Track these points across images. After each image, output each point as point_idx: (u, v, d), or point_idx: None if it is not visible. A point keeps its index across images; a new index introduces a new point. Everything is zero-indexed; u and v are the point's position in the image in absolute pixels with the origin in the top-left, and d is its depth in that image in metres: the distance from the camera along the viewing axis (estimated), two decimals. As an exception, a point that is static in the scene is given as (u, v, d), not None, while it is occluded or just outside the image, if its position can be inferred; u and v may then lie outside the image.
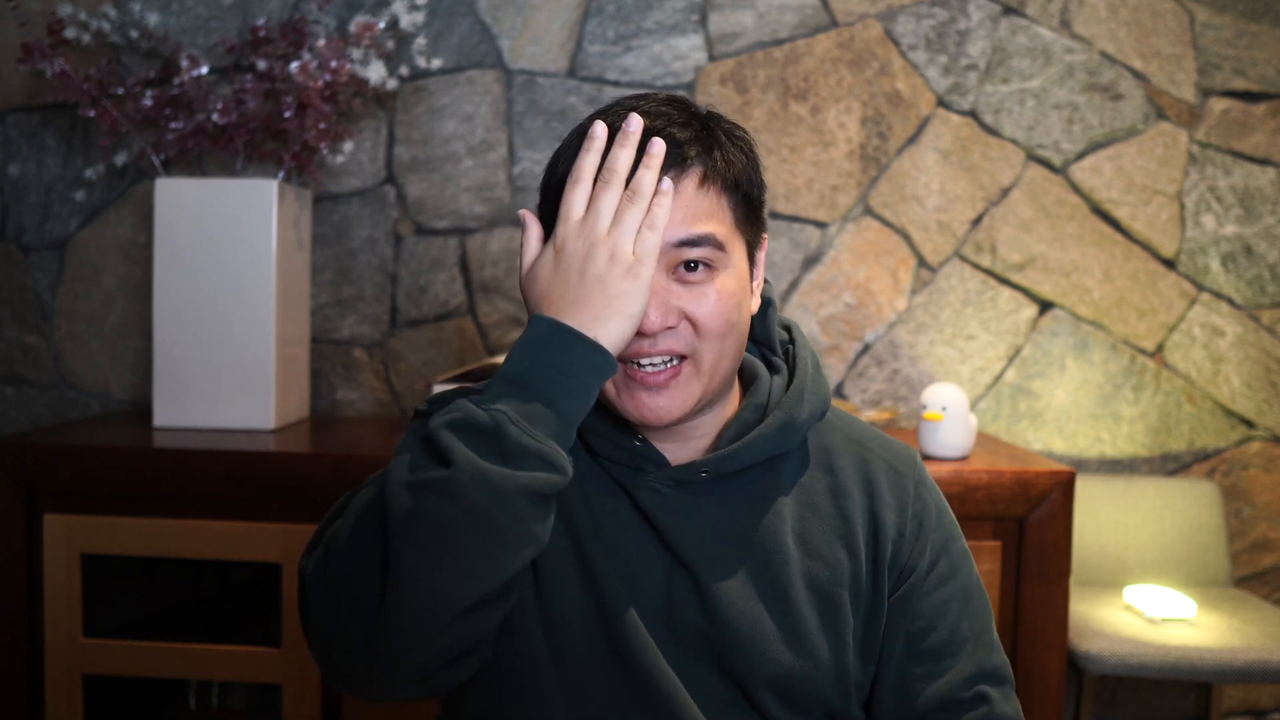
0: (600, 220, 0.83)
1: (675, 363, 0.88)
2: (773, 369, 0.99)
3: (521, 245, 0.88)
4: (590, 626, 0.89)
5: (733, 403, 0.97)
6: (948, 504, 1.02)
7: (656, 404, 0.88)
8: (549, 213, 0.89)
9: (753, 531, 0.92)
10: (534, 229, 0.88)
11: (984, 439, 2.02)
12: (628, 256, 0.82)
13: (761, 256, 0.96)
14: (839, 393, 2.19)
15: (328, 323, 2.21)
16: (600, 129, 0.86)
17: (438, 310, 2.19)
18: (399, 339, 2.21)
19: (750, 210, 0.92)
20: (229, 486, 1.66)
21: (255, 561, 1.68)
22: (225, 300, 1.87)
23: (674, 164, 0.86)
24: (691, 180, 0.87)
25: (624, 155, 0.84)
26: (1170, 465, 2.21)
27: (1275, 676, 1.79)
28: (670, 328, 0.87)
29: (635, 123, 0.85)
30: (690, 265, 0.87)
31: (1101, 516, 2.12)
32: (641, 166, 0.84)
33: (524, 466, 0.77)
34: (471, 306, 2.19)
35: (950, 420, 1.73)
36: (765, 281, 0.98)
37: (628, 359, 0.87)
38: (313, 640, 0.85)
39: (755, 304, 0.96)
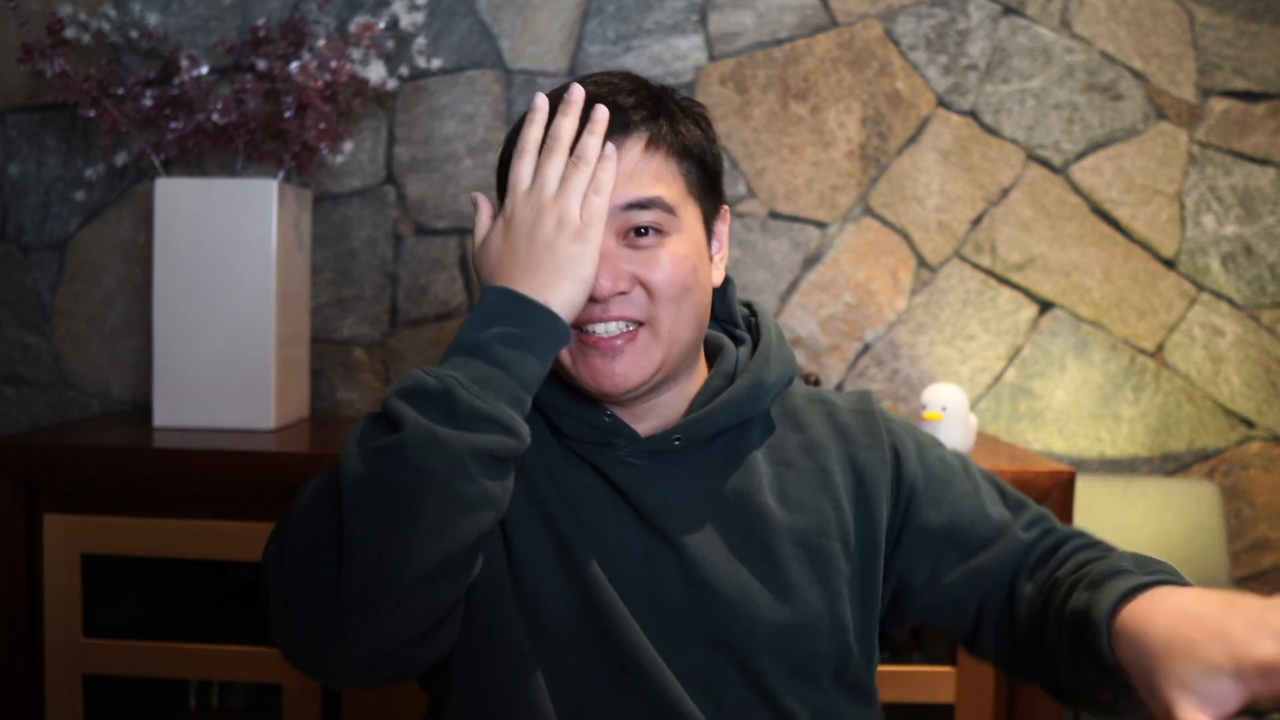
0: (546, 187, 0.84)
1: (631, 328, 0.88)
2: (737, 341, 1.00)
3: (474, 226, 0.89)
4: (570, 608, 0.88)
5: (699, 377, 0.97)
6: (913, 424, 1.04)
7: (613, 370, 0.87)
8: (502, 192, 0.90)
9: (730, 495, 0.92)
10: (485, 208, 0.89)
11: (984, 439, 2.02)
12: (575, 221, 0.82)
13: (723, 229, 0.96)
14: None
15: (328, 323, 2.21)
16: (542, 100, 0.87)
17: (438, 310, 2.19)
18: (399, 339, 2.21)
19: (706, 179, 0.93)
20: (229, 486, 1.66)
21: (255, 561, 1.68)
22: (225, 300, 1.87)
23: (618, 129, 0.87)
24: (636, 144, 0.88)
25: (567, 123, 0.85)
26: (1170, 465, 2.21)
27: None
28: (623, 293, 0.87)
29: (577, 92, 0.86)
30: (641, 230, 0.87)
31: (1101, 516, 2.12)
32: (585, 132, 0.85)
33: (476, 429, 0.77)
34: (471, 306, 2.19)
35: (950, 420, 1.73)
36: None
37: (581, 325, 0.87)
38: (274, 624, 0.82)
39: (719, 277, 0.96)
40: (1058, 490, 1.66)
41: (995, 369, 2.20)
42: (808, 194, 2.18)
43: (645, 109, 0.89)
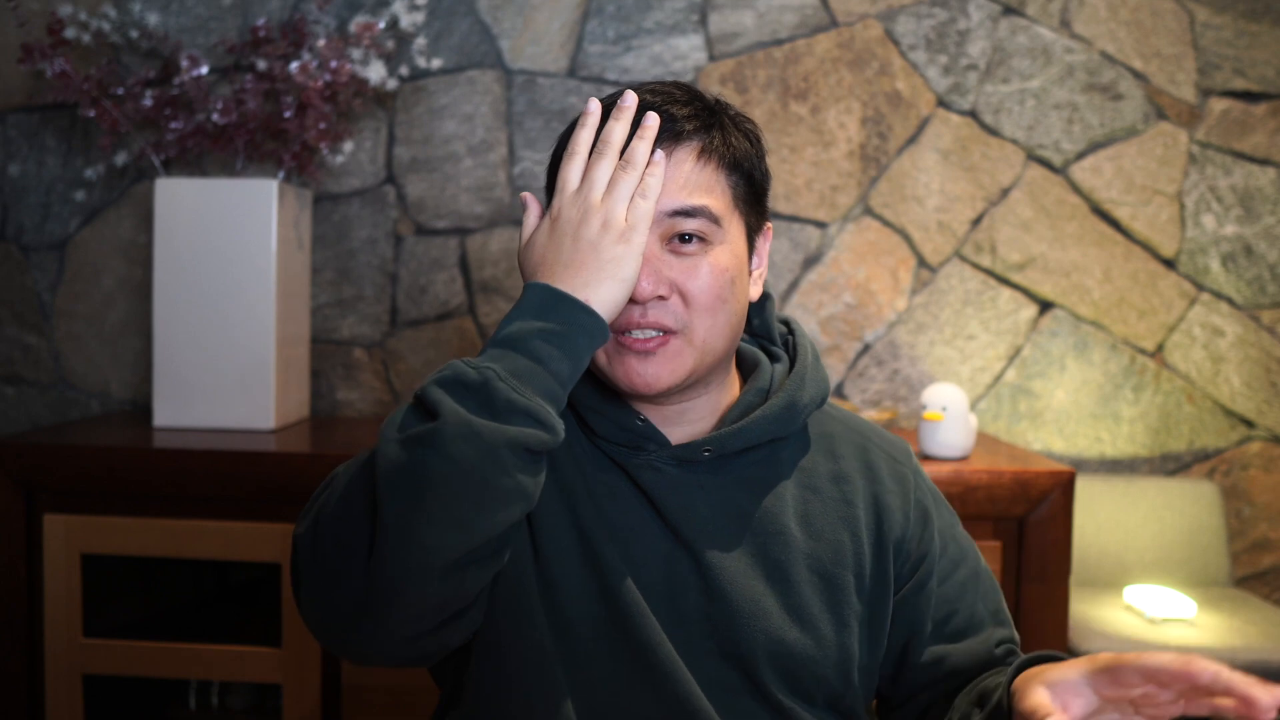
0: (594, 189, 0.85)
1: (665, 334, 0.89)
2: (773, 358, 1.01)
3: (522, 224, 0.90)
4: (592, 606, 0.89)
5: (733, 388, 0.98)
6: (940, 493, 1.05)
7: (645, 370, 0.88)
8: (550, 194, 0.91)
9: (754, 513, 0.93)
10: (534, 208, 0.91)
11: (984, 439, 2.02)
12: (620, 223, 0.84)
13: (764, 246, 0.97)
14: (839, 393, 2.20)
15: (328, 323, 2.21)
16: (595, 105, 0.88)
17: (438, 310, 2.19)
18: (399, 339, 2.21)
19: (752, 193, 0.94)
20: (229, 486, 1.66)
21: (255, 561, 1.68)
22: (225, 300, 1.87)
23: (671, 137, 0.88)
24: (689, 153, 0.89)
25: (619, 128, 0.86)
26: (1170, 465, 2.21)
27: (1275, 676, 1.79)
28: (661, 298, 0.88)
29: (630, 98, 0.88)
30: (685, 238, 0.88)
31: (1101, 516, 2.12)
32: (635, 138, 0.86)
33: (511, 421, 0.78)
34: (471, 306, 2.19)
35: (950, 420, 1.73)
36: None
37: (619, 329, 0.88)
38: (304, 601, 0.84)
39: (756, 292, 0.97)
40: (1058, 490, 1.66)
41: (995, 369, 2.20)
42: (808, 194, 2.17)
43: (699, 119, 0.90)
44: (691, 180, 0.88)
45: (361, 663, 0.88)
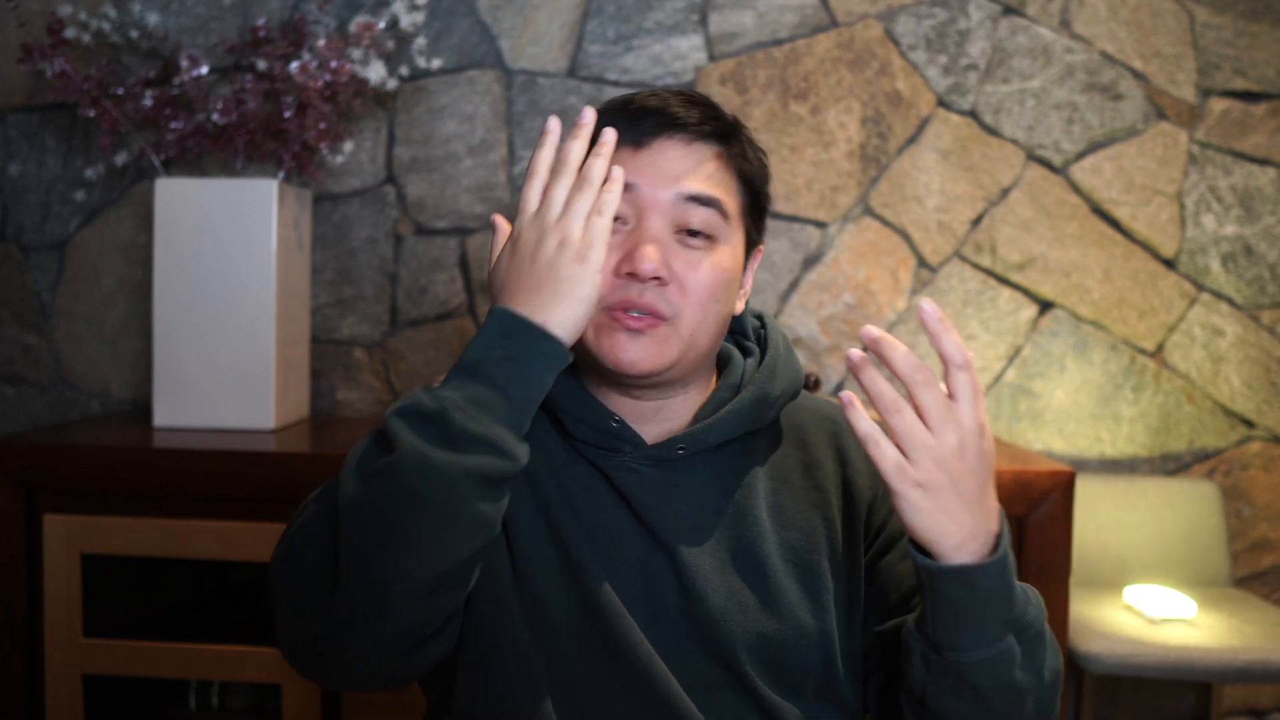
0: (552, 209, 0.85)
1: (655, 318, 0.90)
2: (746, 353, 1.02)
3: (491, 246, 0.91)
4: (572, 611, 0.90)
5: (709, 388, 0.99)
6: None
7: (632, 348, 0.89)
8: None
9: (728, 507, 0.94)
10: (502, 229, 0.92)
11: (984, 439, 2.02)
12: (577, 241, 0.83)
13: (753, 265, 0.99)
14: (838, 393, 2.19)
15: (328, 323, 2.21)
16: (554, 124, 0.89)
17: (438, 310, 2.19)
18: (399, 339, 2.21)
19: (757, 208, 0.95)
20: (229, 486, 1.66)
21: (255, 561, 1.68)
22: (225, 300, 1.87)
23: (696, 132, 0.91)
24: (712, 152, 0.92)
25: (576, 147, 0.86)
26: (1170, 465, 2.21)
27: (1275, 676, 1.79)
28: (661, 280, 0.88)
29: (588, 115, 0.87)
30: (693, 232, 0.90)
31: (1101, 516, 2.12)
32: (592, 154, 0.86)
33: (469, 451, 0.78)
34: (471, 306, 2.19)
35: (950, 420, 1.73)
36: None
37: (614, 306, 0.89)
38: (277, 626, 0.85)
39: (740, 306, 0.98)
40: (1058, 490, 1.66)
41: (995, 369, 2.20)
42: (808, 194, 2.17)
43: (726, 125, 0.93)
44: (713, 175, 0.91)
45: (338, 687, 0.88)
